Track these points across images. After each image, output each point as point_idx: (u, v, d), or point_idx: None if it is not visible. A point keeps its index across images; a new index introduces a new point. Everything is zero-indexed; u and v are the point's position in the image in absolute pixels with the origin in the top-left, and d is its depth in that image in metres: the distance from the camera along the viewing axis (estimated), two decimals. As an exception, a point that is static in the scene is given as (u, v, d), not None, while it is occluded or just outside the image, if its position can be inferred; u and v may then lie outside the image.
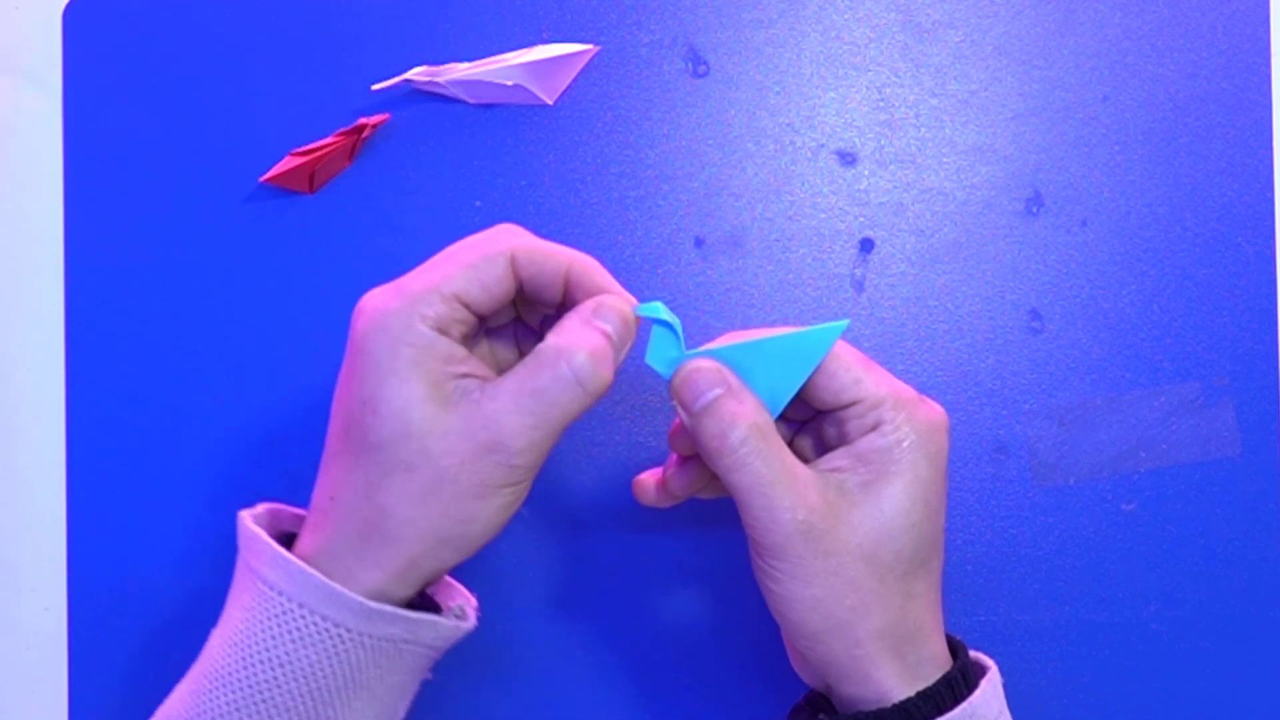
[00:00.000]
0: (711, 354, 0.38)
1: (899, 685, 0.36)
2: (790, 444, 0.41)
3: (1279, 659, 0.46)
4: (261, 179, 0.47)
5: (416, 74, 0.47)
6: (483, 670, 0.46)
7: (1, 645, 0.48)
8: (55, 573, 0.47)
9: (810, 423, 0.41)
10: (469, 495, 0.35)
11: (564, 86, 0.47)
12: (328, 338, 0.47)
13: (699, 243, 0.47)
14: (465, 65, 0.47)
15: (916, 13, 0.48)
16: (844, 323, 0.38)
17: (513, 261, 0.37)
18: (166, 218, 0.47)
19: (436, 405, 0.35)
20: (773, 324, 0.47)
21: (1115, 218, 0.47)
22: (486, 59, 0.47)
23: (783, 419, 0.38)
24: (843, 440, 0.38)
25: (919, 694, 0.36)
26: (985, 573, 0.46)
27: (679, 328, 0.38)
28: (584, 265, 0.38)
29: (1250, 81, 0.47)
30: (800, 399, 0.38)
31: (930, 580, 0.38)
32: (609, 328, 0.36)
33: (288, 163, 0.46)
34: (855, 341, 0.47)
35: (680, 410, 0.38)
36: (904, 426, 0.37)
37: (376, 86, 0.47)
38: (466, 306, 0.36)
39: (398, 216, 0.47)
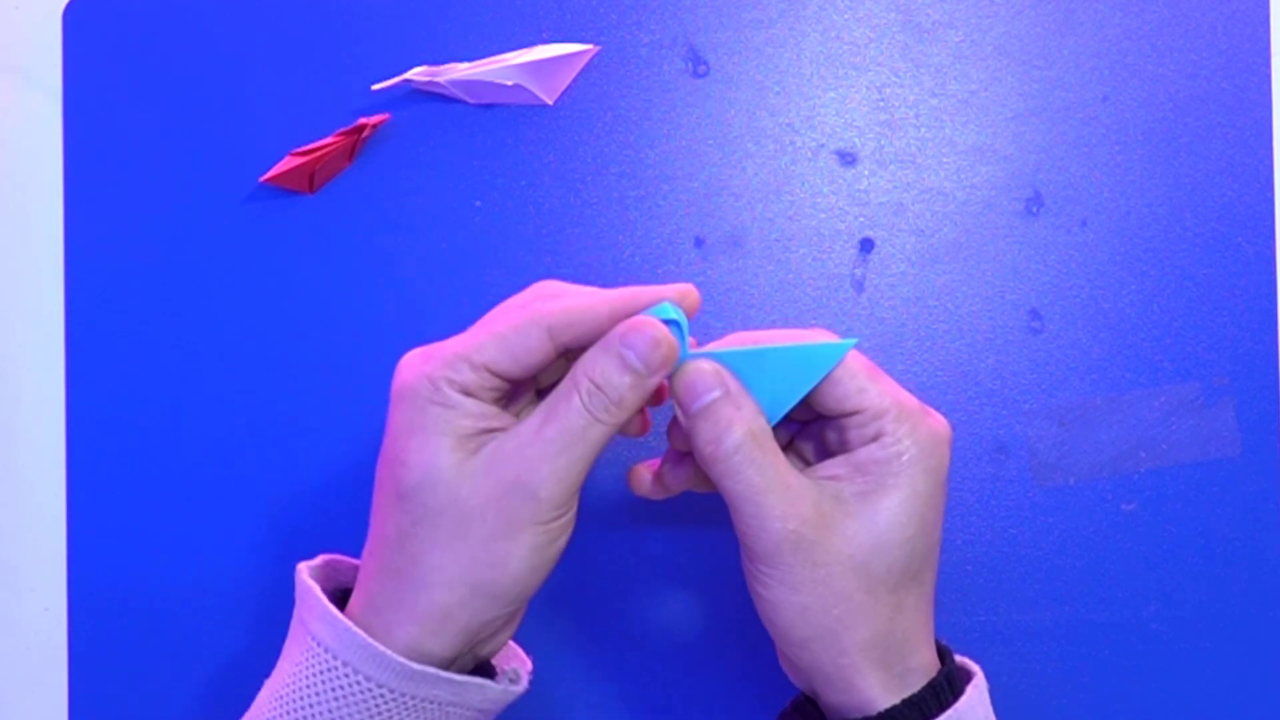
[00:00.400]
0: (714, 356, 0.37)
1: (884, 695, 0.36)
2: (789, 446, 0.41)
3: (1279, 659, 0.46)
4: (261, 179, 0.47)
5: (416, 74, 0.47)
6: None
7: (1, 645, 0.48)
8: (55, 573, 0.47)
9: (811, 425, 0.40)
10: (496, 536, 0.35)
11: (564, 86, 0.47)
12: (328, 337, 0.47)
13: (699, 243, 0.47)
14: (465, 65, 0.47)
15: (916, 13, 0.48)
16: (852, 341, 0.38)
17: (548, 331, 0.36)
18: (166, 218, 0.47)
19: (464, 454, 0.35)
20: (773, 325, 0.47)
21: (1115, 218, 0.47)
22: (486, 59, 0.47)
23: (784, 420, 0.38)
24: (843, 447, 0.38)
25: (904, 701, 0.36)
26: (985, 573, 0.46)
27: (685, 327, 0.37)
28: (627, 302, 0.37)
29: (1250, 81, 0.47)
30: (803, 402, 0.38)
31: (922, 592, 0.38)
32: (631, 354, 0.36)
33: (288, 163, 0.46)
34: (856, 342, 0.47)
35: (678, 410, 0.38)
36: (905, 439, 0.37)
37: (376, 86, 0.47)
38: (496, 375, 0.36)
39: (398, 216, 0.47)
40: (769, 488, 0.36)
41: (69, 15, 0.48)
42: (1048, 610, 0.46)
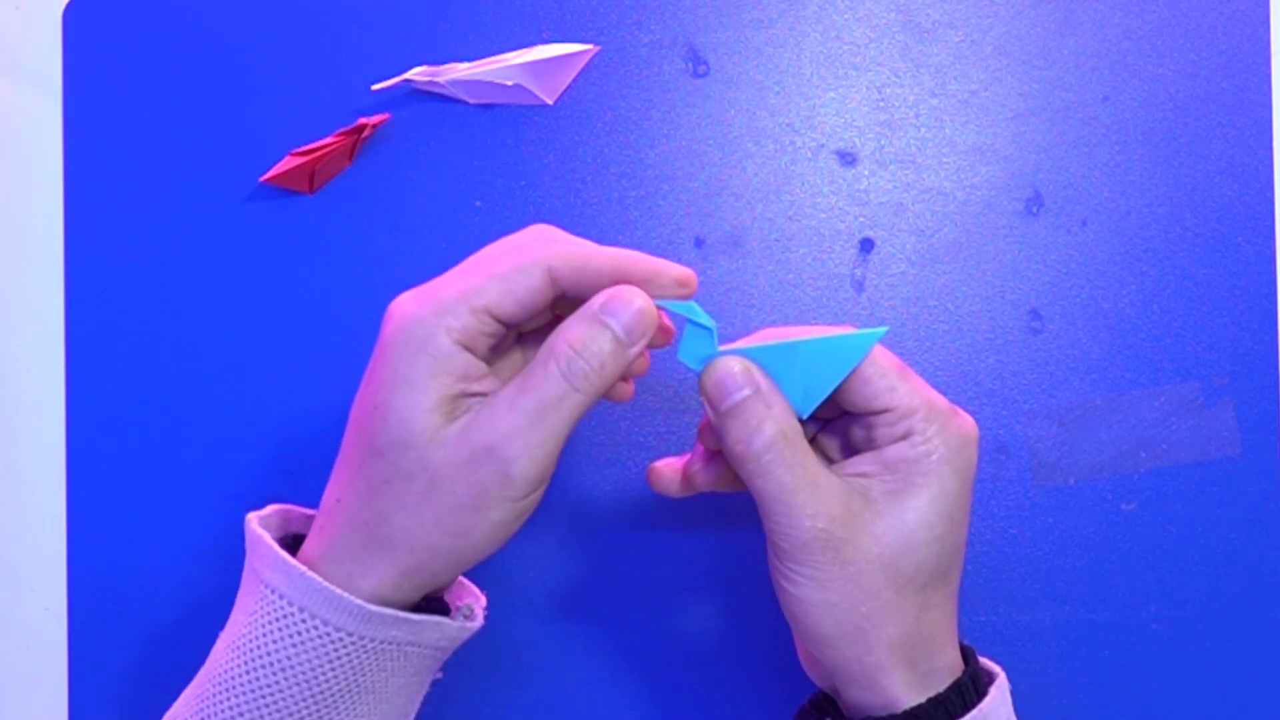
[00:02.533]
0: (743, 353, 0.37)
1: (909, 694, 0.36)
2: (813, 440, 0.40)
3: (1279, 659, 0.46)
4: (261, 179, 0.47)
5: (416, 74, 0.47)
6: (491, 670, 0.46)
7: (1, 645, 0.48)
8: (55, 573, 0.47)
9: (836, 421, 0.40)
10: (465, 507, 0.35)
11: (564, 86, 0.47)
12: (328, 337, 0.47)
13: (699, 243, 0.47)
14: (465, 65, 0.47)
15: (916, 13, 0.48)
16: (882, 330, 0.37)
17: (550, 272, 0.35)
18: (166, 218, 0.47)
19: (442, 417, 0.35)
20: (773, 325, 0.47)
21: (1115, 218, 0.47)
22: (486, 59, 0.47)
23: (810, 416, 0.38)
24: (870, 444, 0.38)
25: (929, 700, 0.36)
26: (985, 573, 0.46)
27: (714, 329, 0.37)
28: (630, 263, 0.36)
29: (1250, 81, 0.47)
30: (830, 400, 0.38)
31: (948, 591, 0.38)
32: (614, 322, 0.35)
33: (288, 163, 0.46)
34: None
35: (709, 409, 0.37)
36: (935, 438, 0.36)
37: (376, 86, 0.47)
38: (496, 319, 0.35)
39: (398, 216, 0.47)
40: (799, 486, 0.36)
41: (69, 15, 0.48)
42: (1048, 610, 0.46)
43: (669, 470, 0.41)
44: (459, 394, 0.35)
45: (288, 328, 0.47)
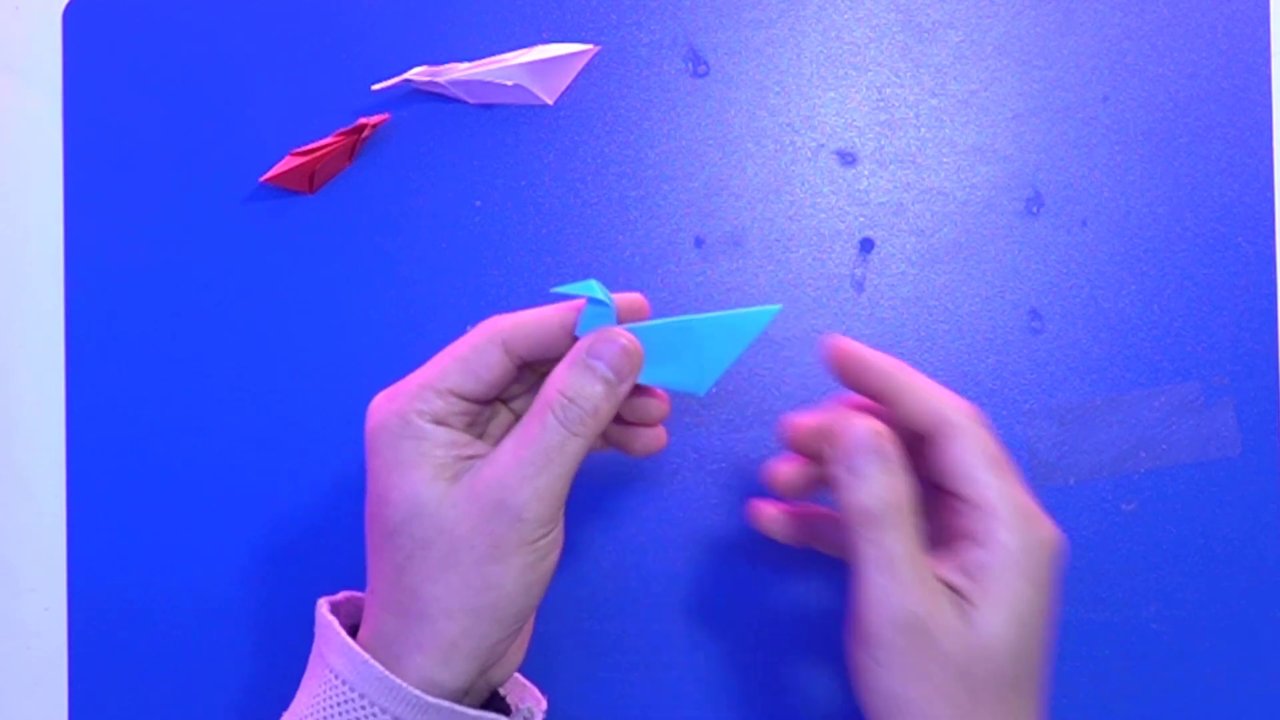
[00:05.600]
0: (639, 330, 0.38)
1: None
2: None
3: (1279, 659, 0.46)
4: (261, 179, 0.47)
5: (416, 74, 0.47)
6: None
7: (1, 645, 0.48)
8: (55, 573, 0.47)
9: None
10: (487, 560, 0.35)
11: (564, 86, 0.47)
12: (328, 337, 0.47)
13: (699, 243, 0.47)
14: (465, 65, 0.47)
15: (916, 13, 0.48)
16: (775, 308, 0.38)
17: (504, 344, 0.37)
18: (166, 218, 0.47)
19: (444, 483, 0.36)
20: (772, 325, 0.47)
21: (1115, 218, 0.47)
22: (486, 59, 0.47)
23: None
24: (943, 532, 0.37)
25: None
26: (985, 573, 0.46)
27: (612, 303, 0.37)
28: (574, 311, 0.38)
29: (1250, 81, 0.47)
30: (924, 474, 0.37)
31: (1028, 698, 0.37)
32: (601, 364, 0.36)
33: (288, 163, 0.46)
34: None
35: (834, 463, 0.37)
36: (1012, 544, 0.36)
37: (376, 86, 0.47)
38: (462, 398, 0.37)
39: (398, 216, 0.47)
40: (905, 561, 0.35)
41: (69, 15, 0.48)
42: (1048, 610, 0.46)
43: (776, 510, 0.42)
44: (453, 459, 0.36)
45: (288, 328, 0.47)
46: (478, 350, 0.37)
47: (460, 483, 0.36)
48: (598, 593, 0.46)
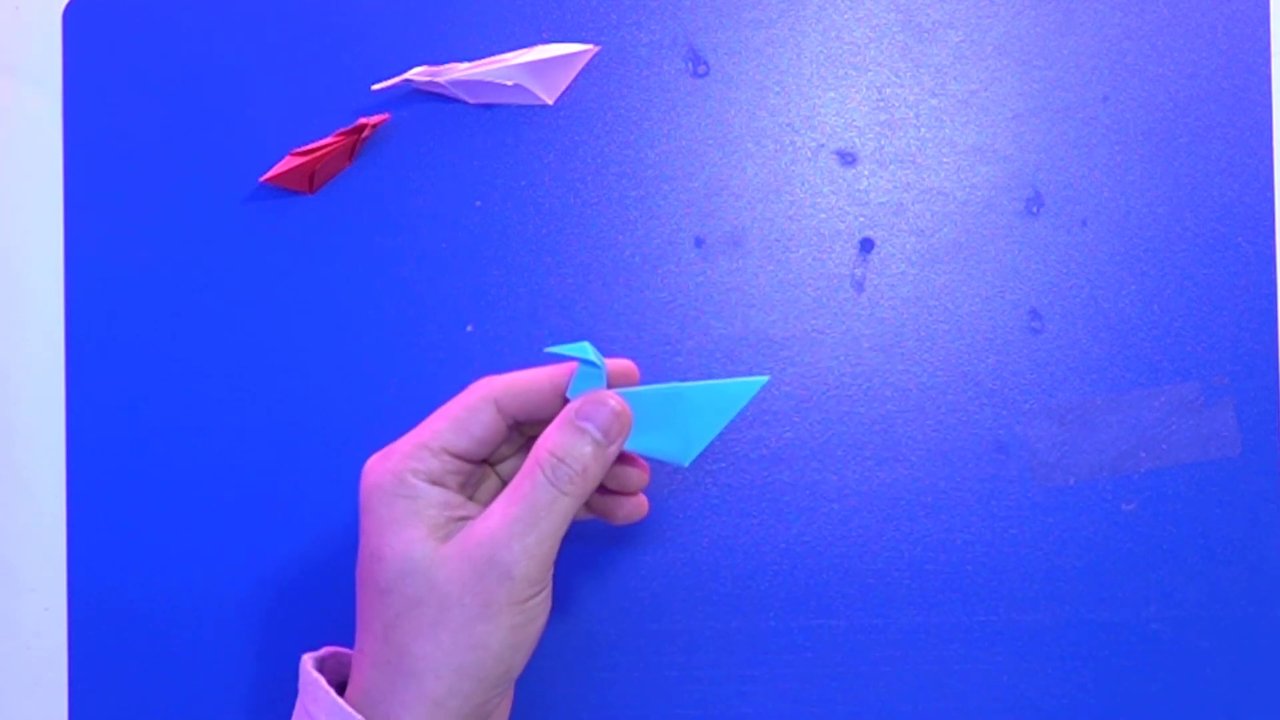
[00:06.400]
0: (629, 395, 0.38)
1: None
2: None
3: (1279, 659, 0.46)
4: (261, 179, 0.47)
5: (416, 74, 0.47)
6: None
7: (1, 645, 0.48)
8: (55, 573, 0.47)
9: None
10: (476, 618, 0.36)
11: (564, 86, 0.47)
12: (328, 337, 0.47)
13: (699, 243, 0.47)
14: (465, 65, 0.47)
15: (916, 13, 0.48)
16: (763, 379, 0.39)
17: (496, 404, 0.38)
18: (166, 218, 0.47)
19: (436, 541, 0.36)
20: (773, 325, 0.47)
21: (1115, 218, 0.47)
22: (486, 59, 0.47)
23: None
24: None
25: None
26: (985, 573, 0.46)
27: (604, 366, 0.38)
28: (564, 372, 0.39)
29: (1250, 81, 0.47)
30: None
31: None
32: (591, 426, 0.37)
33: (288, 163, 0.46)
34: (856, 341, 0.47)
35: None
36: None
37: (376, 86, 0.47)
38: (456, 457, 0.38)
39: (398, 216, 0.47)
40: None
41: (69, 15, 0.48)
42: (1048, 610, 0.46)
43: None
44: (446, 520, 0.37)
45: (287, 328, 0.47)
46: (471, 410, 0.38)
47: (452, 541, 0.36)
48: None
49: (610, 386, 0.39)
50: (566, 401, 0.38)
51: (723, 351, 0.47)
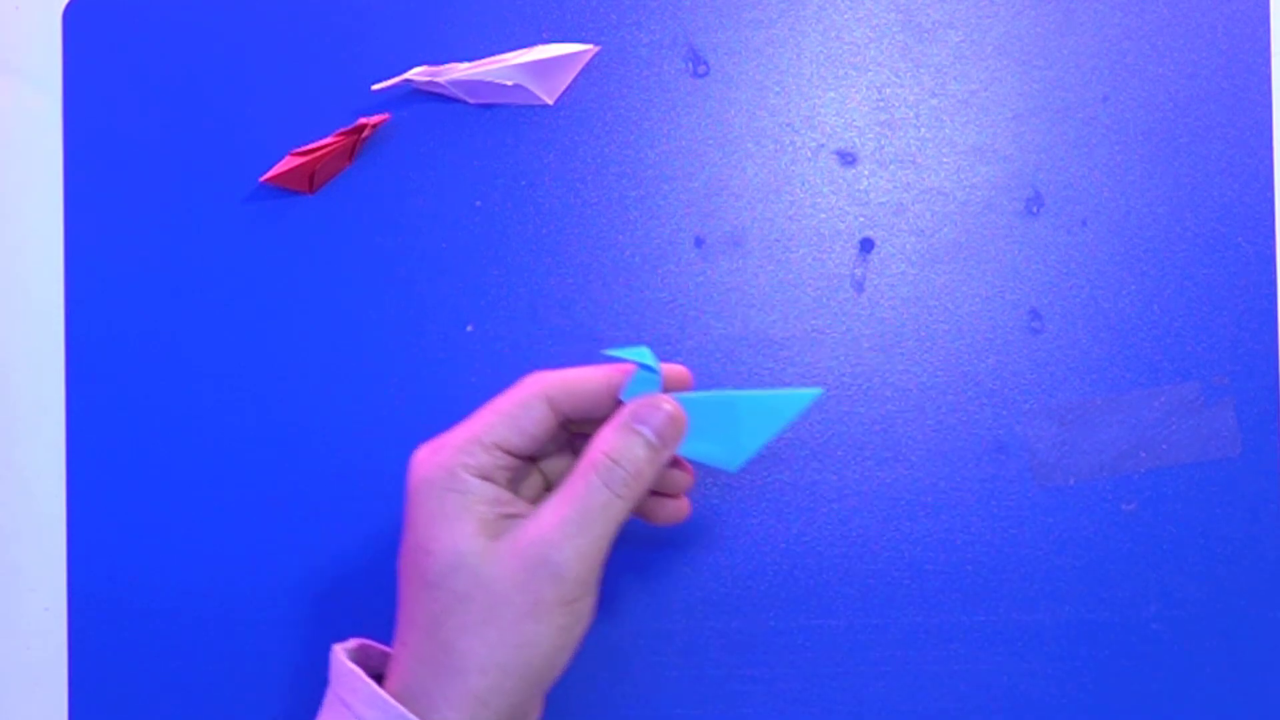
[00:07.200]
0: (683, 400, 0.38)
1: None
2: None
3: (1279, 659, 0.46)
4: (261, 179, 0.47)
5: (416, 74, 0.47)
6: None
7: (1, 645, 0.48)
8: (55, 573, 0.47)
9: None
10: (525, 616, 0.36)
11: (564, 86, 0.47)
12: (327, 337, 0.47)
13: (699, 243, 0.47)
14: (465, 65, 0.47)
15: (916, 13, 0.48)
16: (817, 391, 0.39)
17: (549, 401, 0.38)
18: (166, 218, 0.47)
19: (487, 538, 0.36)
20: (773, 325, 0.47)
21: (1115, 218, 0.47)
22: (486, 59, 0.47)
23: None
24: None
25: None
26: (985, 573, 0.46)
27: (659, 371, 0.38)
28: (620, 371, 0.39)
29: (1250, 81, 0.47)
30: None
31: None
32: (646, 429, 0.37)
33: (288, 163, 0.46)
34: (855, 341, 0.47)
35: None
36: None
37: (376, 86, 0.47)
38: (508, 453, 0.38)
39: (398, 216, 0.47)
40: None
41: (69, 15, 0.48)
42: (1048, 610, 0.46)
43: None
44: (496, 516, 0.37)
45: (287, 328, 0.47)
46: (524, 405, 0.38)
47: (503, 539, 0.36)
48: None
49: (664, 391, 0.39)
50: (619, 403, 0.38)
51: (723, 351, 0.47)
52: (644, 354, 0.38)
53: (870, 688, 0.46)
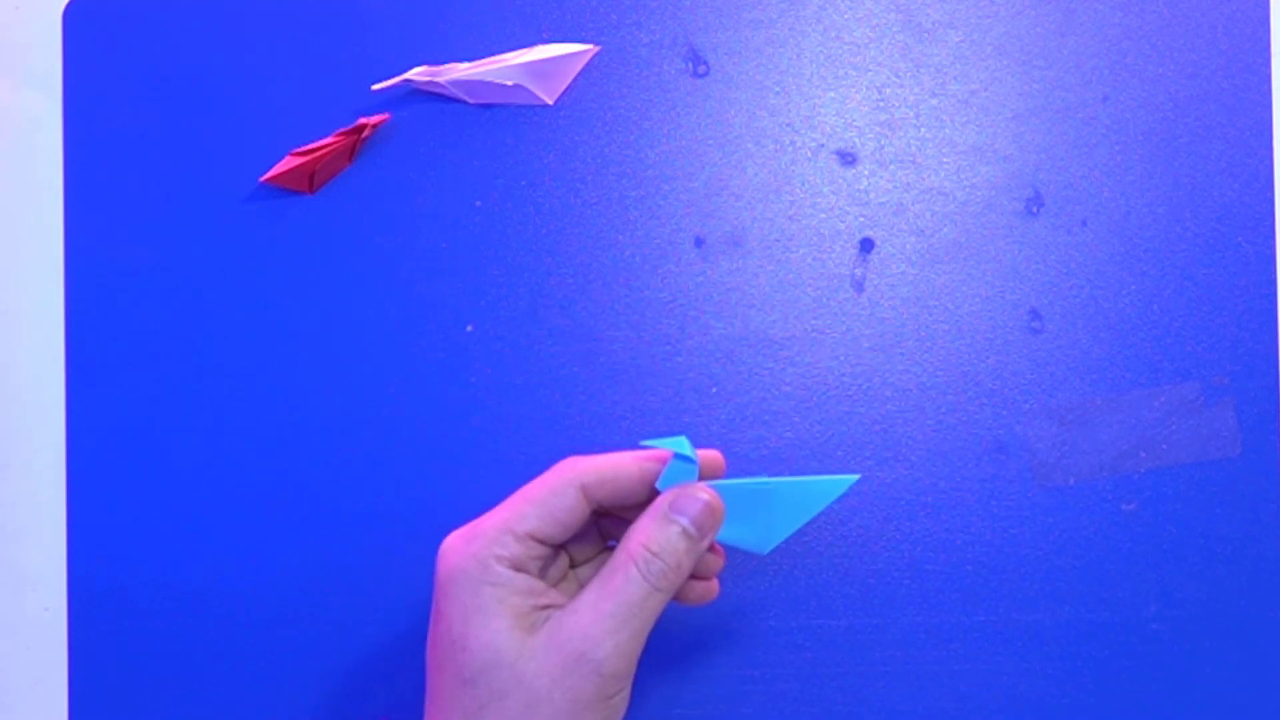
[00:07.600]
0: (718, 487, 0.38)
1: None
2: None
3: (1279, 659, 0.46)
4: (261, 179, 0.47)
5: (416, 74, 0.47)
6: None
7: (1, 645, 0.48)
8: (55, 573, 0.47)
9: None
10: (563, 713, 0.35)
11: (564, 86, 0.47)
12: (328, 337, 0.47)
13: (699, 243, 0.47)
14: (465, 65, 0.47)
15: (916, 13, 0.48)
16: (854, 477, 0.39)
17: (583, 489, 0.38)
18: (166, 218, 0.47)
19: (523, 632, 0.36)
20: (773, 325, 0.47)
21: (1115, 218, 0.47)
22: (486, 59, 0.47)
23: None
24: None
25: None
26: (985, 573, 0.46)
27: (696, 461, 0.38)
28: (653, 459, 0.38)
29: (1250, 81, 0.47)
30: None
31: None
32: (685, 520, 0.37)
33: (288, 163, 0.46)
34: (855, 341, 0.47)
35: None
36: None
37: (376, 86, 0.47)
38: (540, 541, 0.37)
39: (398, 216, 0.47)
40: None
41: (69, 15, 0.48)
42: (1048, 610, 0.46)
43: None
44: (531, 608, 0.36)
45: (288, 328, 0.47)
46: (556, 493, 0.37)
47: (539, 633, 0.36)
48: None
49: (700, 479, 0.39)
50: (654, 492, 0.38)
51: (723, 351, 0.47)
52: (682, 444, 0.38)
53: (870, 688, 0.46)
